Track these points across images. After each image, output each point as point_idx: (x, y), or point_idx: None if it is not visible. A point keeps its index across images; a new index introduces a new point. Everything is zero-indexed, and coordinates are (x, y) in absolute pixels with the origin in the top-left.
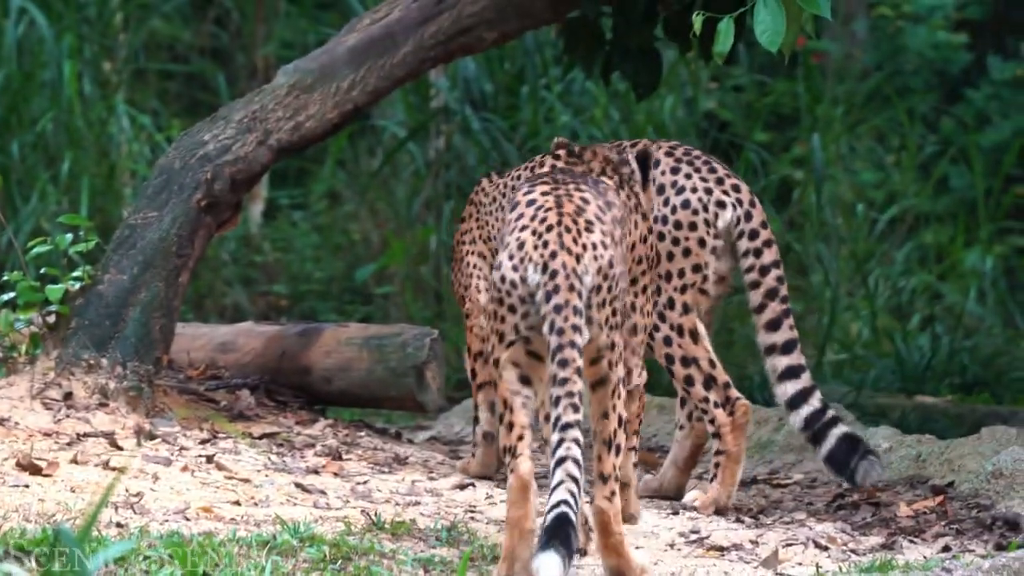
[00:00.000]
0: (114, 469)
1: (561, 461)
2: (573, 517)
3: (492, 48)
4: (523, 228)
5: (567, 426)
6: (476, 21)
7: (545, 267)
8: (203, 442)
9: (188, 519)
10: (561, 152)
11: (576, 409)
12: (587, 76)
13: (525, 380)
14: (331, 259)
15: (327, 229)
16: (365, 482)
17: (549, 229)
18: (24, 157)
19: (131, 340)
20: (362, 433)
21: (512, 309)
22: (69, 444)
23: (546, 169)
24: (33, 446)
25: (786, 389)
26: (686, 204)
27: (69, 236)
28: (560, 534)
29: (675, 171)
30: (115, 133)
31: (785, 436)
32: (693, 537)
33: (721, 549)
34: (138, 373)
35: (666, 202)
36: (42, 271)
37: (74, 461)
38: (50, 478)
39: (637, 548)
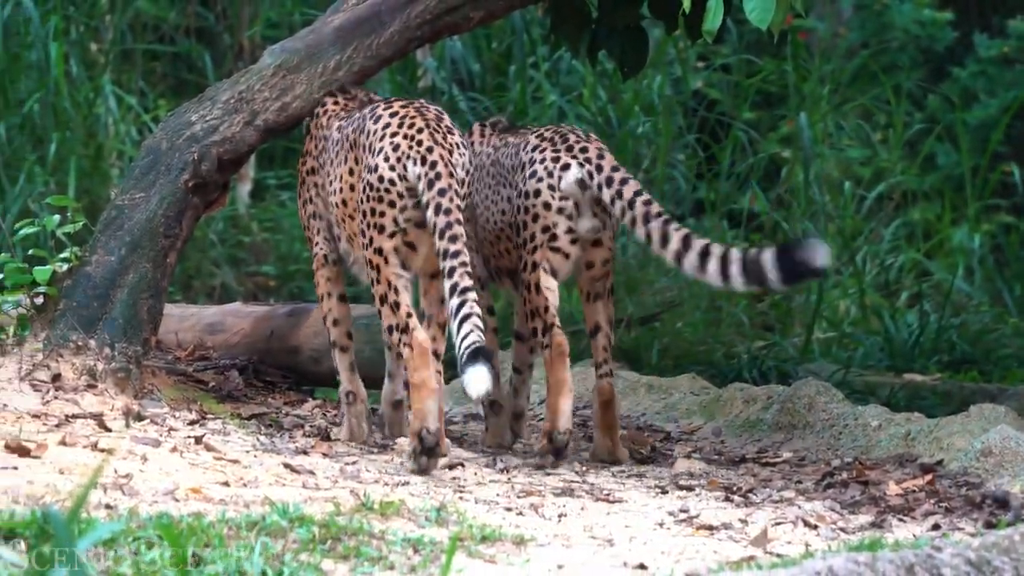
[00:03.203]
0: (103, 451)
1: (467, 317)
2: (487, 348)
3: (479, 27)
4: (394, 134)
5: (465, 289)
6: (462, 0)
7: (424, 160)
8: (192, 423)
9: (177, 500)
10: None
11: (470, 276)
12: (574, 55)
13: (405, 266)
14: None
15: None
16: (354, 462)
17: (420, 131)
18: (11, 139)
19: (119, 321)
20: None
21: (392, 204)
22: (57, 426)
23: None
24: (21, 428)
25: (700, 257)
26: (533, 174)
27: (57, 217)
28: (481, 353)
29: (535, 148)
30: (102, 114)
31: (774, 414)
32: (682, 516)
33: (710, 528)
34: (126, 354)
35: (523, 179)
36: (30, 252)
37: (63, 443)
38: (39, 460)
39: (626, 527)
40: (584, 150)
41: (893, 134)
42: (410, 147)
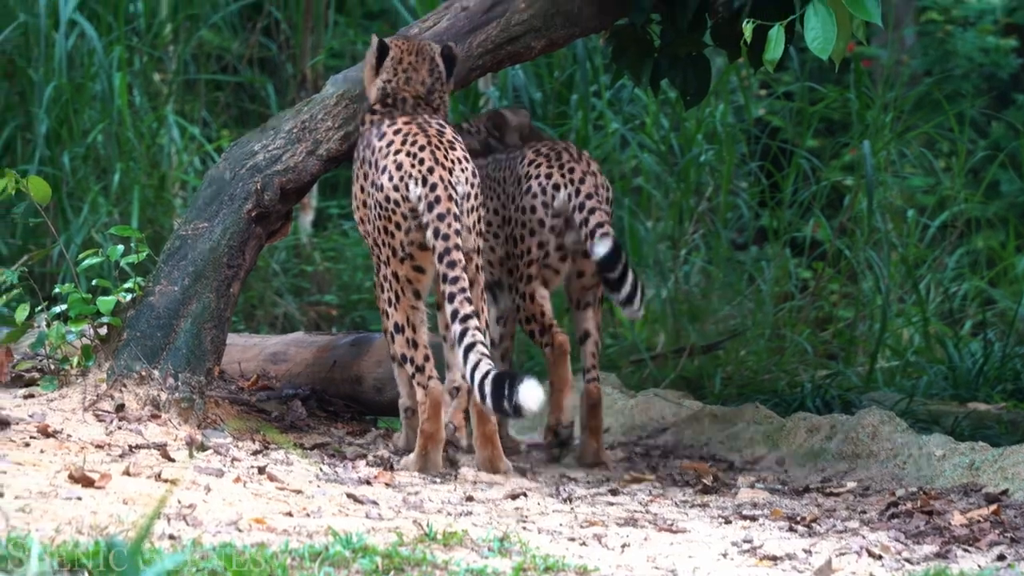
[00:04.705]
0: (166, 481)
1: (472, 345)
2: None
3: (541, 56)
4: (397, 152)
5: (467, 317)
6: (524, 29)
7: (424, 180)
8: (255, 453)
9: (240, 530)
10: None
11: (470, 301)
12: (636, 84)
13: (417, 295)
14: None
15: None
16: (417, 492)
17: (422, 149)
18: (75, 169)
19: (182, 351)
20: None
21: (398, 226)
22: (121, 456)
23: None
24: (85, 458)
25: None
26: (528, 190)
27: (120, 247)
28: (516, 374)
29: (531, 163)
30: (165, 144)
31: (838, 444)
32: (746, 546)
33: (774, 558)
34: (190, 384)
35: (520, 192)
36: (93, 283)
37: (126, 473)
38: (102, 490)
39: (689, 557)
40: (571, 170)
41: (956, 162)
42: (412, 165)
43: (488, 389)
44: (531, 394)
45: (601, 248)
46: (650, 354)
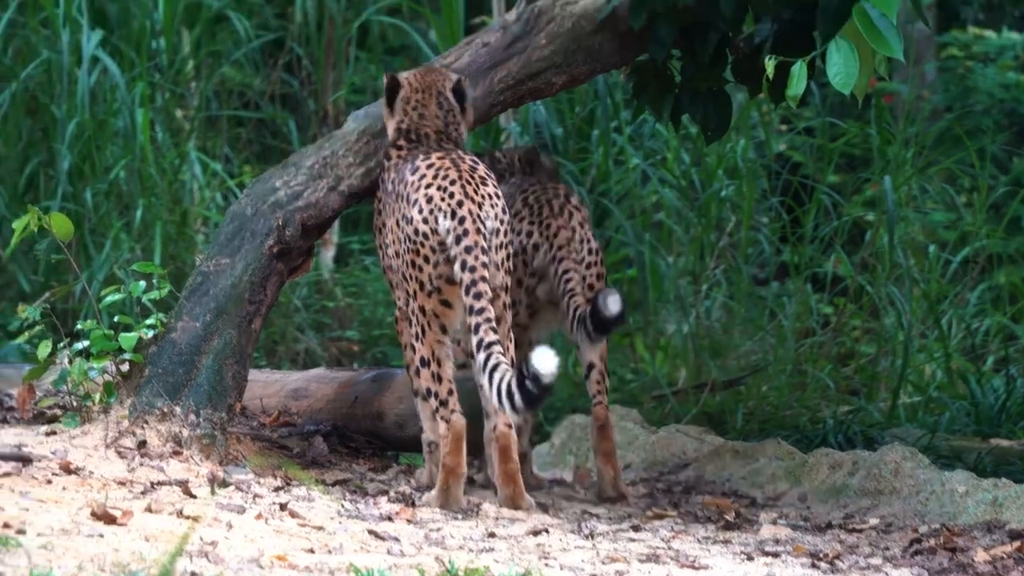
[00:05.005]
0: (188, 517)
1: (495, 367)
2: None
3: (562, 92)
4: (428, 185)
5: (491, 344)
6: (545, 65)
7: (454, 214)
8: (276, 489)
9: (262, 567)
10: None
11: (494, 331)
12: (657, 119)
13: (444, 329)
14: None
15: None
16: (439, 529)
17: (453, 183)
18: (97, 205)
19: (204, 388)
20: None
21: (427, 260)
22: (143, 493)
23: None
24: (107, 495)
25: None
26: (511, 243)
27: (142, 284)
28: (528, 353)
29: (516, 215)
30: (187, 180)
31: (860, 480)
32: None
33: None
34: (211, 421)
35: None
36: (116, 319)
37: (148, 510)
38: (124, 527)
39: None
40: (548, 227)
41: (978, 197)
42: (442, 199)
43: (514, 388)
44: (543, 359)
45: (615, 307)
46: (671, 390)
